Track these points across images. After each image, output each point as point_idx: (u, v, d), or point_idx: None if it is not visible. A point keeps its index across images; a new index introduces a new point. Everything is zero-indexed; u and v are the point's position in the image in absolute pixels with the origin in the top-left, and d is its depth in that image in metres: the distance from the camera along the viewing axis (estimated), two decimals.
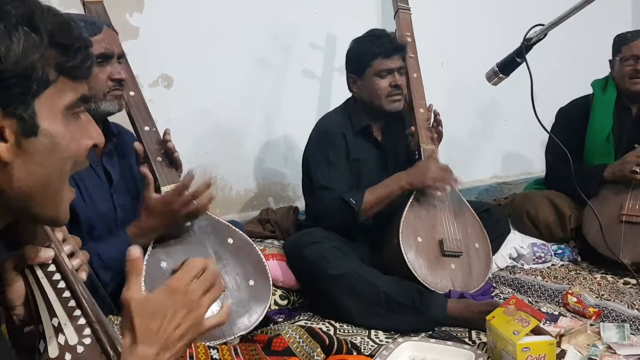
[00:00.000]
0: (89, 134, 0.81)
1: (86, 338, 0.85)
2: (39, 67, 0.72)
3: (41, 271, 0.85)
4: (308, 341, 1.69)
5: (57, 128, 0.75)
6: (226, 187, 2.91)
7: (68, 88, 0.76)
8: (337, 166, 2.31)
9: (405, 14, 2.59)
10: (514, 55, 2.15)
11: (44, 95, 0.73)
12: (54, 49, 0.73)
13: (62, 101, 0.75)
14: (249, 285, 1.82)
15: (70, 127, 0.77)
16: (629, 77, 2.77)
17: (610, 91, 2.87)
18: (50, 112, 0.74)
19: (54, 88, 0.74)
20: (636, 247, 2.48)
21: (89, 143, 0.81)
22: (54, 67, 0.74)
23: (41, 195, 0.76)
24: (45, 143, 0.74)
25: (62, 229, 0.95)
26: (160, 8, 2.59)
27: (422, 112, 2.42)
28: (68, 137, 0.76)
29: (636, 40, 2.76)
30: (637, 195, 2.61)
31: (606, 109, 2.85)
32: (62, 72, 0.75)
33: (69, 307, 0.85)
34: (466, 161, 3.77)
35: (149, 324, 0.83)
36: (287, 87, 3.03)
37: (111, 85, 1.68)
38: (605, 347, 1.77)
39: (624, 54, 2.78)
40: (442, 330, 1.97)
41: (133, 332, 0.83)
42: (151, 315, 0.84)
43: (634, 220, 2.55)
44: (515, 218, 2.80)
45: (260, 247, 2.30)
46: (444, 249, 2.21)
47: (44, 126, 0.73)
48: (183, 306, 0.86)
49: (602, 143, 2.82)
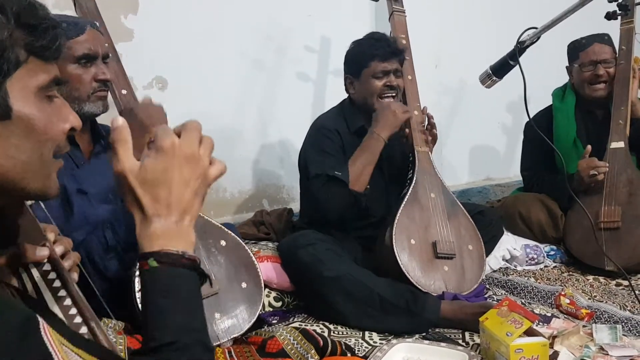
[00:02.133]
0: (64, 116, 0.80)
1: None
2: (8, 47, 0.71)
3: (36, 270, 0.85)
4: (302, 343, 1.69)
5: (30, 110, 0.74)
6: (220, 189, 2.91)
7: (39, 69, 0.76)
8: (330, 154, 2.32)
9: (400, 16, 2.60)
10: (507, 58, 2.17)
11: (15, 77, 0.73)
12: (21, 29, 0.73)
13: (34, 82, 0.75)
14: (242, 287, 1.83)
15: (45, 110, 0.76)
16: (589, 83, 2.79)
17: (569, 98, 2.90)
18: (22, 94, 0.73)
19: (25, 69, 0.74)
20: (620, 251, 2.47)
21: (65, 126, 0.80)
22: (23, 47, 0.73)
23: (24, 176, 0.75)
24: (21, 126, 0.73)
25: (53, 230, 0.95)
26: (154, 10, 2.59)
27: (416, 115, 2.43)
28: (43, 120, 0.75)
29: (592, 46, 2.78)
30: (611, 200, 2.60)
31: (566, 116, 2.87)
32: (31, 52, 0.74)
33: (64, 305, 0.85)
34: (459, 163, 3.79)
35: (156, 192, 0.79)
36: (282, 89, 3.04)
37: (95, 86, 1.66)
38: (597, 348, 1.77)
39: (582, 60, 2.80)
40: (435, 332, 1.97)
41: (140, 206, 0.79)
42: (155, 182, 0.79)
43: (612, 225, 2.55)
44: (507, 219, 2.80)
45: (255, 248, 2.30)
46: (437, 251, 2.21)
47: (16, 108, 0.73)
48: (185, 161, 0.81)
49: (570, 148, 2.83)
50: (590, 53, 2.78)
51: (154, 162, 0.80)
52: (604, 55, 2.77)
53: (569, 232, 2.68)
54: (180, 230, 0.81)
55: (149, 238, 0.79)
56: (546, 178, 2.88)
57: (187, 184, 0.81)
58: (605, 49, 2.78)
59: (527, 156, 3.05)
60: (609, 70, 2.76)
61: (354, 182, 2.24)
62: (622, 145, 2.68)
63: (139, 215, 0.80)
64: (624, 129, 2.70)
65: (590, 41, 2.79)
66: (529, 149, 3.01)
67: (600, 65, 2.76)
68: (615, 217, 2.55)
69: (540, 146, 2.71)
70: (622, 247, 2.50)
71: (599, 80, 2.77)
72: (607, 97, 2.79)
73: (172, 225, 0.80)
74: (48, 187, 0.79)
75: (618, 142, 2.69)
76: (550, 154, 2.76)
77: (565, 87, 2.97)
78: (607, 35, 2.81)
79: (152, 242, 0.79)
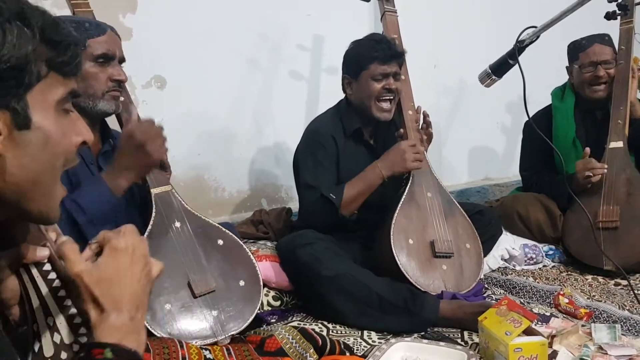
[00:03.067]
0: (78, 130, 0.83)
1: (82, 337, 0.84)
2: (31, 61, 0.74)
3: (36, 270, 0.85)
4: (301, 342, 1.69)
5: (48, 122, 0.77)
6: (219, 189, 2.91)
7: (59, 83, 0.78)
8: (324, 166, 2.32)
9: (391, 16, 2.59)
10: (506, 57, 2.17)
11: (36, 90, 0.75)
12: (45, 44, 0.76)
13: (53, 96, 0.78)
14: (240, 285, 1.84)
15: (61, 123, 0.79)
16: (589, 84, 2.78)
17: (569, 98, 2.90)
18: (42, 106, 0.76)
19: (45, 83, 0.77)
20: (618, 251, 2.47)
21: (78, 139, 0.83)
22: (45, 62, 0.76)
23: (33, 190, 0.77)
24: (38, 137, 0.76)
25: (55, 229, 0.95)
26: (153, 9, 2.59)
27: (410, 114, 2.43)
28: (60, 132, 0.79)
29: (592, 47, 2.77)
30: (609, 200, 2.60)
31: (566, 116, 2.87)
32: (52, 67, 0.77)
33: (64, 306, 0.85)
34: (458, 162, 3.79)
35: (110, 290, 0.82)
36: (279, 88, 3.04)
37: (110, 85, 1.71)
38: (596, 347, 1.77)
39: (582, 60, 2.79)
40: (434, 331, 1.97)
41: (97, 303, 0.81)
42: (109, 281, 0.82)
43: (611, 225, 2.55)
44: (506, 219, 2.80)
45: (253, 248, 2.30)
46: (436, 250, 2.22)
47: (36, 119, 0.75)
48: (136, 261, 0.85)
49: (569, 148, 2.83)
50: (591, 54, 2.77)
51: (109, 262, 0.84)
52: (605, 56, 2.76)
53: (568, 232, 2.68)
54: (135, 326, 0.83)
55: (107, 330, 0.81)
56: (546, 178, 2.88)
57: (139, 281, 0.85)
58: (606, 49, 2.77)
59: (527, 156, 3.05)
60: (609, 72, 2.76)
61: (344, 207, 2.26)
62: (620, 145, 2.68)
63: (95, 311, 0.82)
64: (622, 129, 2.70)
65: (591, 42, 2.78)
66: (529, 149, 3.01)
67: (600, 67, 2.75)
68: (613, 216, 2.55)
69: (539, 146, 2.71)
70: (621, 246, 2.50)
71: (599, 82, 2.76)
72: (607, 97, 2.79)
73: (128, 321, 0.82)
74: (51, 208, 0.82)
75: (617, 142, 2.69)
76: (549, 154, 2.76)
77: (564, 87, 2.96)
78: (608, 35, 2.80)
79: (109, 334, 0.81)
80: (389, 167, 2.28)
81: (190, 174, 2.80)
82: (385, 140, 2.47)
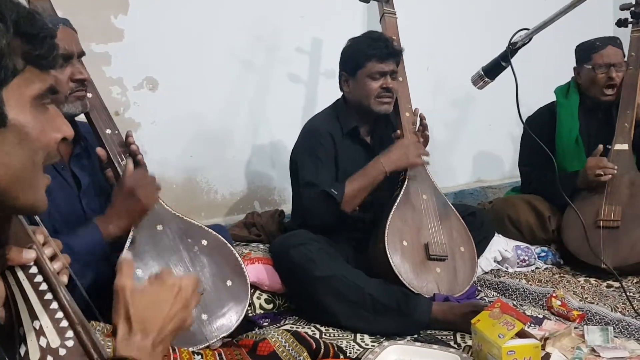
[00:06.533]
0: (57, 126, 0.81)
1: (69, 340, 0.83)
2: (6, 55, 0.72)
3: (22, 272, 0.84)
4: (294, 345, 1.68)
5: (25, 118, 0.75)
6: (212, 191, 2.89)
7: (36, 78, 0.76)
8: (323, 163, 2.31)
9: (390, 18, 2.59)
10: (499, 59, 2.16)
11: (12, 85, 0.73)
12: (20, 38, 0.74)
13: (30, 91, 0.75)
14: (227, 285, 1.81)
15: (39, 119, 0.77)
16: (602, 86, 2.78)
17: (573, 96, 2.90)
18: (18, 102, 0.74)
19: (22, 77, 0.74)
20: (616, 251, 2.49)
21: (57, 136, 0.80)
22: (21, 56, 0.74)
23: (15, 186, 0.76)
24: (15, 134, 0.74)
25: (42, 232, 0.94)
26: (145, 10, 2.57)
27: (407, 116, 2.43)
28: (37, 128, 0.76)
29: (606, 48, 2.78)
30: (612, 199, 2.62)
31: (571, 113, 2.88)
32: (29, 61, 0.75)
33: (50, 309, 0.84)
34: (451, 165, 3.79)
35: (145, 314, 0.85)
36: (273, 90, 3.02)
37: (73, 86, 1.62)
38: (589, 349, 1.78)
39: (596, 61, 2.79)
40: (427, 334, 1.97)
41: (129, 320, 0.85)
42: (147, 306, 0.86)
43: (611, 225, 2.56)
44: (497, 222, 2.79)
45: (246, 250, 2.29)
46: (430, 253, 2.21)
47: (12, 116, 0.73)
48: (179, 300, 0.90)
49: (572, 146, 2.85)
50: (605, 56, 2.77)
51: (154, 290, 0.90)
52: (617, 59, 2.78)
53: (567, 229, 2.67)
54: (153, 355, 0.88)
55: (129, 347, 0.86)
56: (548, 175, 2.87)
57: (172, 319, 0.91)
58: (618, 52, 2.79)
59: (527, 151, 3.04)
60: (619, 74, 2.77)
61: (345, 203, 2.24)
62: (626, 147, 2.70)
63: (124, 326, 0.87)
64: (629, 132, 2.72)
65: (605, 43, 2.79)
66: (529, 145, 2.99)
67: (613, 68, 2.76)
68: (615, 216, 2.57)
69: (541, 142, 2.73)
70: (620, 246, 2.51)
71: (611, 84, 2.77)
72: (614, 100, 2.80)
73: (149, 347, 0.87)
74: (38, 200, 0.80)
75: (622, 145, 2.71)
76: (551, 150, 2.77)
77: (568, 86, 2.96)
78: (619, 39, 2.83)
79: (130, 351, 0.86)
80: (392, 162, 2.28)
81: (183, 176, 2.79)
82: (382, 139, 2.46)
